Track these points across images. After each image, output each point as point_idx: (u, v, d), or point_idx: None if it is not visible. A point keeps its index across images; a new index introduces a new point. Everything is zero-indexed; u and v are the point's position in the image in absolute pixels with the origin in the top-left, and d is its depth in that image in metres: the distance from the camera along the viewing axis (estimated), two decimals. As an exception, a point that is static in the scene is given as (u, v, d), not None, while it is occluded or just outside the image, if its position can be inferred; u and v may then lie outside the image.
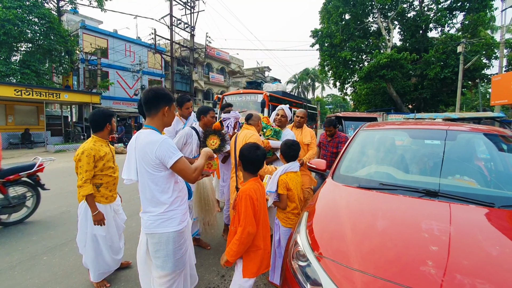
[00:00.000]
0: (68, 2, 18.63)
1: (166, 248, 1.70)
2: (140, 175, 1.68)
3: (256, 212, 1.76)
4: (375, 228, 1.55)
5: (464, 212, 1.61)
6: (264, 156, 1.93)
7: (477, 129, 2.52)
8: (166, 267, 1.73)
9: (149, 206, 1.70)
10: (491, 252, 1.29)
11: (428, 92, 17.36)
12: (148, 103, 1.69)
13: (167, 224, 1.70)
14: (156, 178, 1.65)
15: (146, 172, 1.65)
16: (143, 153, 1.62)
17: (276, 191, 2.31)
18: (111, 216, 2.55)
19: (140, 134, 1.67)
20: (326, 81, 44.55)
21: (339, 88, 21.78)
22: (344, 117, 8.39)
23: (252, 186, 1.82)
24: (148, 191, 1.68)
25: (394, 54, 15.14)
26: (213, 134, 3.04)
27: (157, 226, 1.69)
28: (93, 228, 2.42)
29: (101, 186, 2.46)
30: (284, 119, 3.43)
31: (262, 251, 1.79)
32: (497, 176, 2.22)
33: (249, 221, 1.70)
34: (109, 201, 2.52)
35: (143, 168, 1.65)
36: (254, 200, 1.74)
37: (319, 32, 19.86)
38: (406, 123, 2.99)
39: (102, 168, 2.44)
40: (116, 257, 2.61)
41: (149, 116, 1.71)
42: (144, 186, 1.69)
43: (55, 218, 4.30)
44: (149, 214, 1.70)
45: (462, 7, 17.03)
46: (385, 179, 2.12)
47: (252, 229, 1.70)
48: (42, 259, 3.02)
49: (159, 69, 25.63)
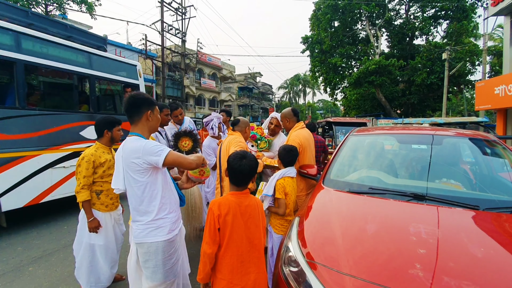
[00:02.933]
0: (57, 7, 18.41)
1: (155, 258, 1.66)
2: (127, 184, 1.65)
3: (220, 232, 1.50)
4: (365, 232, 1.57)
5: (450, 215, 1.65)
6: (250, 168, 1.59)
7: (462, 134, 2.60)
8: (155, 277, 1.68)
9: (137, 215, 1.68)
10: (476, 254, 1.33)
11: (416, 98, 17.81)
12: (129, 110, 1.67)
13: (155, 233, 1.66)
14: (142, 185, 1.62)
15: (133, 180, 1.62)
16: (129, 161, 1.59)
17: (273, 195, 2.28)
18: (111, 225, 2.49)
19: (125, 143, 1.65)
20: (317, 86, 45.12)
21: (329, 93, 22.12)
22: (335, 122, 8.51)
23: (223, 200, 1.55)
24: (135, 200, 1.66)
25: (382, 60, 15.52)
26: (184, 136, 2.99)
27: (146, 235, 1.65)
28: (91, 237, 2.36)
29: (102, 193, 2.42)
30: (277, 128, 3.36)
31: (225, 283, 1.49)
32: (481, 179, 2.29)
33: (204, 238, 1.51)
34: (110, 209, 2.47)
35: (129, 176, 1.63)
36: (215, 216, 1.49)
37: (309, 39, 20.21)
38: (394, 128, 3.06)
39: (102, 175, 2.41)
40: (112, 270, 2.53)
41: (133, 123, 1.69)
42: (131, 195, 1.66)
43: (42, 227, 4.18)
44: (137, 223, 1.67)
45: (446, 15, 17.67)
46: (375, 184, 2.16)
47: (207, 249, 1.48)
48: (27, 270, 2.92)
49: (150, 74, 25.45)
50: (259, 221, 1.61)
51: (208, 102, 33.58)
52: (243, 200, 1.57)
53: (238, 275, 1.50)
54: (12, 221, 4.24)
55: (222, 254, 1.51)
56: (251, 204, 1.59)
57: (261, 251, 1.62)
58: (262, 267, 1.60)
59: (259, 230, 1.60)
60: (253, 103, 40.72)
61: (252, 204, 1.60)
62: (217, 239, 1.50)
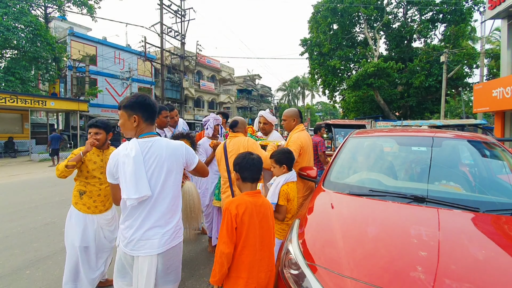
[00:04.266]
0: (57, 9, 18.44)
1: (177, 259, 1.63)
2: (163, 184, 1.53)
3: (236, 231, 1.51)
4: (366, 234, 1.56)
5: (451, 217, 1.65)
6: (259, 159, 1.74)
7: (461, 136, 2.60)
8: (177, 277, 1.66)
9: (165, 217, 1.54)
10: (477, 256, 1.32)
11: (414, 100, 17.90)
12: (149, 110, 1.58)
13: (179, 234, 1.63)
14: (179, 183, 1.62)
15: (174, 178, 1.58)
16: (175, 157, 1.57)
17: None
18: (92, 229, 2.37)
19: (159, 141, 1.55)
20: (315, 89, 45.29)
21: (328, 96, 22.20)
22: (334, 125, 8.53)
23: (239, 200, 1.58)
24: (168, 202, 1.55)
25: (381, 63, 15.61)
26: (182, 138, 2.98)
27: (173, 239, 1.56)
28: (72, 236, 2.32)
29: (84, 194, 2.37)
30: (267, 126, 3.25)
31: (243, 282, 1.50)
32: (481, 181, 2.29)
33: (222, 238, 1.50)
34: (92, 211, 2.38)
35: (169, 175, 1.55)
36: (233, 216, 1.50)
37: (308, 41, 20.31)
38: (393, 130, 3.06)
39: (86, 175, 2.37)
40: (91, 276, 2.38)
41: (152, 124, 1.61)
42: (164, 196, 1.54)
43: (39, 229, 4.15)
44: (164, 228, 1.53)
45: (444, 18, 17.80)
46: (375, 186, 2.16)
47: (225, 249, 1.47)
48: (25, 273, 2.89)
49: (149, 76, 25.48)
50: (271, 221, 1.66)
51: (207, 104, 33.61)
52: (257, 200, 1.62)
53: (254, 273, 1.52)
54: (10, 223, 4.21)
55: (239, 253, 1.52)
56: (264, 204, 1.64)
57: (272, 250, 1.65)
58: (272, 265, 1.62)
59: (271, 229, 1.65)
60: (252, 105, 40.77)
61: (265, 204, 1.65)
62: (234, 239, 1.51)
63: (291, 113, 3.02)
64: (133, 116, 1.53)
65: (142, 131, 1.56)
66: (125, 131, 1.58)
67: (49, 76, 17.26)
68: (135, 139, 1.54)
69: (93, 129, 2.39)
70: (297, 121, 3.01)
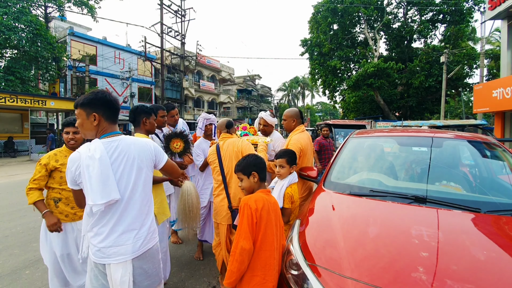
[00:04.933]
0: (57, 9, 18.43)
1: (156, 261, 1.53)
2: (134, 185, 1.44)
3: (256, 226, 1.51)
4: (366, 235, 1.56)
5: (452, 218, 1.65)
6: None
7: (462, 136, 2.60)
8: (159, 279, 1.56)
9: (137, 221, 1.44)
10: (479, 257, 1.32)
11: (414, 100, 17.91)
12: (112, 107, 1.49)
13: (154, 235, 1.54)
14: (150, 181, 1.55)
15: (145, 176, 1.49)
16: (144, 154, 1.49)
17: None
18: (73, 237, 2.20)
19: (122, 141, 1.44)
20: (315, 89, 45.29)
21: (328, 96, 22.22)
22: (334, 125, 8.54)
23: (255, 196, 1.59)
24: (140, 203, 1.46)
25: (381, 63, 15.61)
26: (175, 137, 2.97)
27: (149, 240, 1.48)
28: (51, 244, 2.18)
29: (60, 201, 2.16)
30: (267, 128, 3.21)
31: (259, 279, 1.47)
32: (481, 182, 2.28)
33: (242, 233, 1.48)
34: (71, 219, 2.19)
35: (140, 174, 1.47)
36: (253, 210, 1.50)
37: (309, 42, 20.32)
38: (394, 131, 3.06)
39: (60, 182, 2.16)
40: (78, 282, 2.24)
41: (115, 121, 1.51)
42: (137, 198, 1.45)
43: (39, 229, 4.10)
44: (138, 231, 1.44)
45: (444, 19, 17.82)
46: (375, 186, 2.15)
47: (246, 244, 1.45)
48: (24, 273, 2.89)
49: (149, 76, 25.48)
50: (281, 219, 1.70)
51: (207, 104, 33.61)
52: (271, 198, 1.66)
53: (269, 271, 1.50)
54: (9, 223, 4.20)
55: (258, 249, 1.50)
56: (276, 203, 1.68)
57: (281, 249, 1.64)
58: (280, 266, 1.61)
59: (283, 228, 1.68)
60: (252, 105, 40.77)
61: (275, 203, 1.69)
62: (254, 234, 1.50)
63: (291, 113, 2.99)
64: (93, 114, 1.39)
65: (104, 130, 1.44)
66: (84, 132, 1.46)
67: (49, 76, 17.26)
68: (98, 140, 1.41)
69: (71, 128, 2.19)
70: (297, 121, 2.98)
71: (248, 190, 1.72)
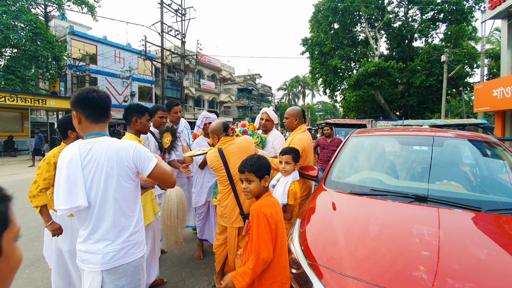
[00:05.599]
0: (57, 8, 18.41)
1: (133, 279, 1.39)
2: (104, 193, 1.31)
3: (272, 232, 1.44)
4: (367, 234, 1.56)
5: (453, 217, 1.64)
6: None
7: (462, 135, 2.59)
8: None
9: (111, 232, 1.33)
10: (479, 256, 1.32)
11: (415, 100, 17.88)
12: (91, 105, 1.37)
13: (134, 250, 1.39)
14: (127, 192, 1.37)
15: (116, 184, 1.33)
16: (115, 159, 1.31)
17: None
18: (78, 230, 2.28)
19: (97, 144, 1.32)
20: (316, 88, 45.25)
21: (329, 95, 22.17)
22: (335, 124, 8.52)
23: (265, 202, 1.53)
24: (112, 213, 1.33)
25: (382, 62, 15.58)
26: (166, 131, 2.98)
27: (123, 256, 1.35)
28: (57, 242, 2.20)
29: None
30: (269, 123, 3.18)
31: (278, 284, 1.44)
32: (482, 181, 2.28)
33: (262, 245, 1.39)
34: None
35: (109, 181, 1.32)
36: (269, 217, 1.43)
37: (309, 41, 20.26)
38: (394, 130, 3.06)
39: None
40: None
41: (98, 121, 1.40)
42: (108, 208, 1.32)
43: (39, 229, 4.14)
44: (110, 244, 1.32)
45: (445, 18, 17.77)
46: (376, 185, 2.15)
47: (267, 256, 1.39)
48: (24, 272, 2.89)
49: (150, 75, 25.46)
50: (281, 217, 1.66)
51: (208, 103, 33.59)
52: (275, 199, 1.63)
53: (286, 272, 1.47)
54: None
55: (276, 256, 1.45)
56: (278, 202, 1.65)
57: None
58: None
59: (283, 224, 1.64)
60: (252, 104, 40.75)
61: (278, 202, 1.65)
62: (273, 242, 1.44)
63: (294, 112, 2.95)
64: (73, 113, 1.34)
65: (86, 130, 1.36)
66: (78, 132, 1.41)
67: (49, 75, 17.25)
68: (78, 141, 1.36)
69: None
70: (299, 120, 2.95)
71: (254, 194, 1.61)
